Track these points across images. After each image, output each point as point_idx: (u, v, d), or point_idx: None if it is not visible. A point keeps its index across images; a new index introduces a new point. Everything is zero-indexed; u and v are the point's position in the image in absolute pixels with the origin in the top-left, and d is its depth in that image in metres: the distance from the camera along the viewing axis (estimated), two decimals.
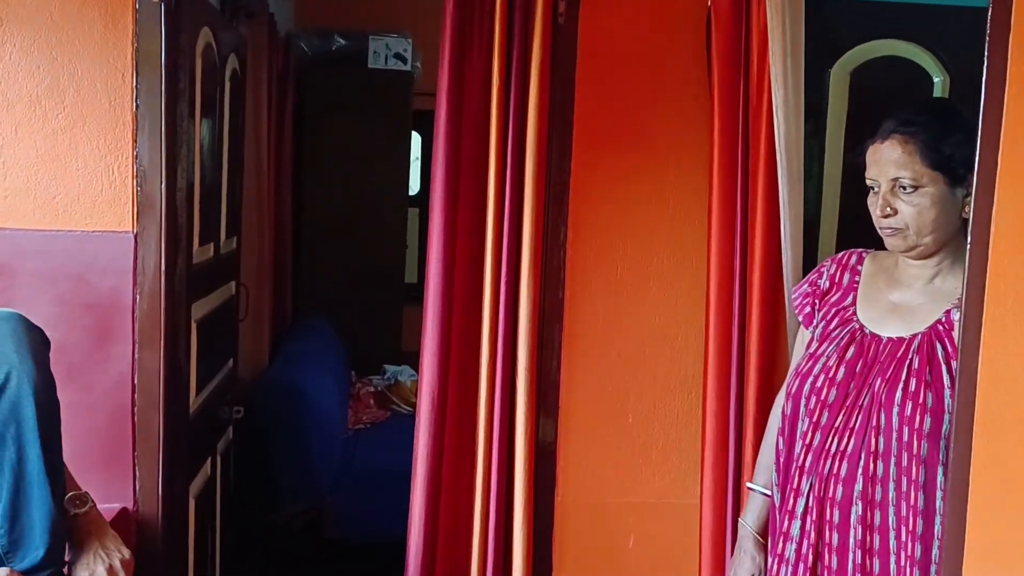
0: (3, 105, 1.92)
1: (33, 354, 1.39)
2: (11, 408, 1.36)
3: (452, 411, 2.12)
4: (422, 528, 2.09)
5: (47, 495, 1.40)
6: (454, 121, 2.04)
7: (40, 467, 1.39)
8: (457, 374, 2.12)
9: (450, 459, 2.13)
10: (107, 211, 1.97)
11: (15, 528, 1.40)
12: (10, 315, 1.42)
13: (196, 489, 2.28)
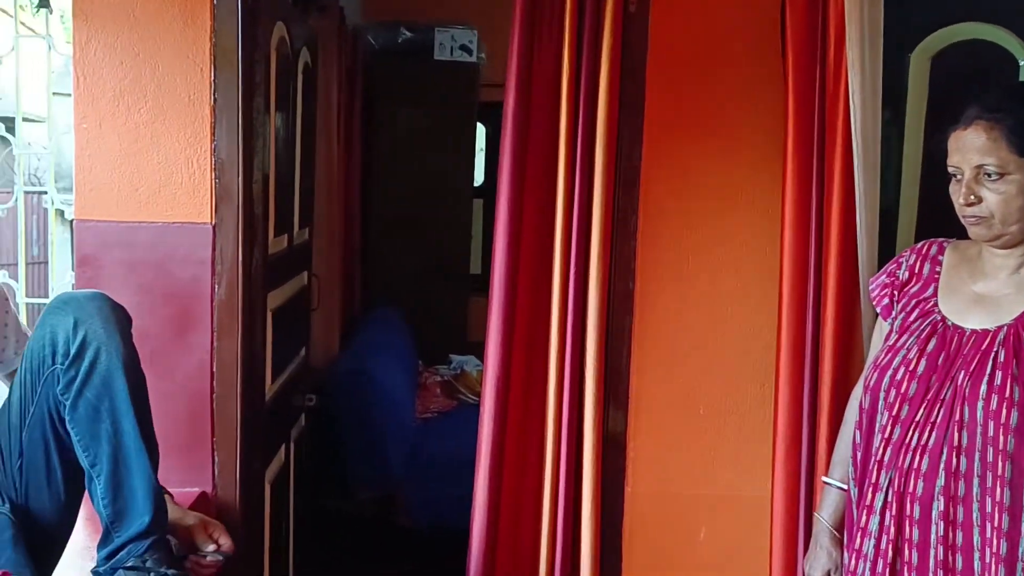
0: (88, 100, 1.98)
1: (119, 330, 1.43)
2: (103, 382, 1.40)
3: (516, 400, 2.13)
4: (485, 516, 2.11)
5: (145, 463, 1.43)
6: (522, 111, 2.04)
7: (136, 438, 1.42)
8: (521, 364, 2.13)
9: (513, 448, 2.14)
10: (187, 203, 2.02)
11: (118, 498, 1.43)
12: (95, 294, 1.47)
13: (271, 475, 2.33)
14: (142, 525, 1.43)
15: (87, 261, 2.01)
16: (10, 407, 1.46)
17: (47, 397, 1.42)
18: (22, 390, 1.44)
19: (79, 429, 1.41)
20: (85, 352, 1.39)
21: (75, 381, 1.39)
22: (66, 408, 1.41)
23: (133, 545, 1.41)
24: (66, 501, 1.47)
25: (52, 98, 2.49)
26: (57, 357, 1.39)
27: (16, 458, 1.45)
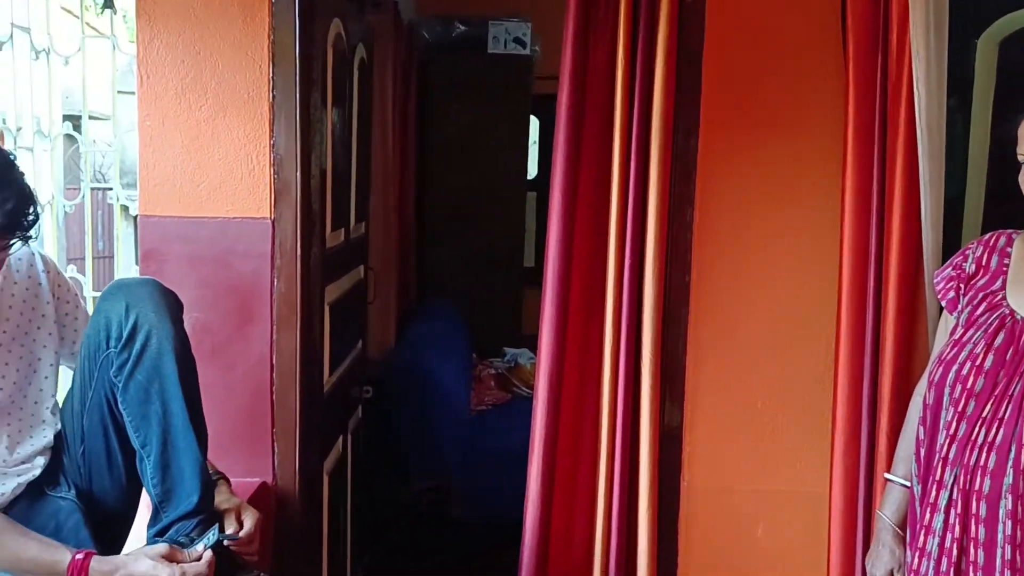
0: (152, 98, 2.03)
1: (170, 315, 1.46)
2: (153, 365, 1.43)
3: (569, 393, 2.13)
4: (538, 508, 2.12)
5: (193, 445, 1.46)
6: (576, 103, 2.03)
7: (184, 419, 1.45)
8: (575, 357, 2.13)
9: (566, 441, 2.14)
10: (246, 198, 2.05)
11: (167, 478, 1.46)
12: (146, 280, 1.51)
13: (330, 466, 2.36)
14: (190, 504, 1.46)
15: (151, 256, 2.05)
16: (72, 394, 1.51)
17: (103, 381, 1.46)
18: (82, 376, 1.48)
19: (130, 410, 1.45)
20: (136, 335, 1.43)
21: (127, 364, 1.43)
22: (119, 390, 1.44)
23: (181, 524, 1.45)
24: (127, 484, 1.50)
25: (116, 96, 2.54)
26: (111, 341, 1.43)
27: (79, 444, 1.50)
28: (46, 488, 1.48)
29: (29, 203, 1.34)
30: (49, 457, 1.51)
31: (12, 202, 1.30)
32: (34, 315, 1.55)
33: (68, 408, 1.51)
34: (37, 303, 1.55)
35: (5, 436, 1.46)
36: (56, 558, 1.31)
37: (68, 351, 1.61)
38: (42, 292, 1.56)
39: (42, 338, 1.55)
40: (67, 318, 1.60)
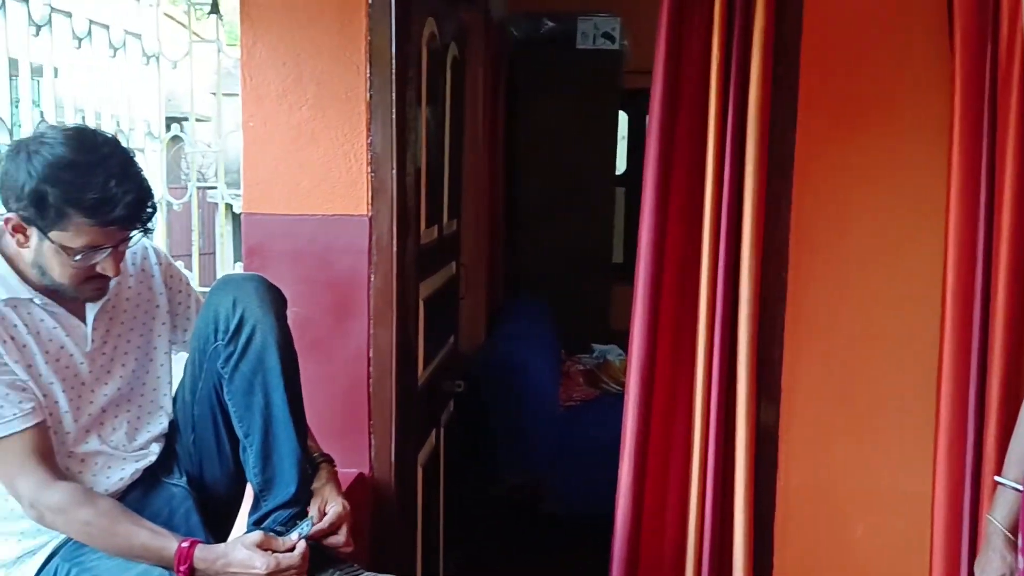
0: (255, 100, 2.10)
1: (274, 310, 1.51)
2: (257, 358, 1.48)
3: (661, 390, 2.12)
4: (629, 505, 2.11)
5: (293, 437, 1.50)
6: (669, 96, 2.02)
7: (285, 411, 1.49)
8: (667, 353, 2.12)
9: (658, 438, 2.13)
10: (344, 196, 2.10)
11: (267, 468, 1.51)
12: (253, 276, 1.56)
13: (423, 459, 2.40)
14: (287, 495, 1.51)
15: (254, 252, 2.12)
16: (184, 384, 1.58)
17: (212, 373, 1.51)
18: (193, 367, 1.55)
19: (235, 401, 1.50)
20: (242, 329, 1.48)
21: (233, 356, 1.48)
22: (225, 381, 1.50)
23: (278, 513, 1.50)
24: (235, 471, 1.56)
25: (221, 98, 2.63)
26: (218, 334, 1.49)
27: (190, 432, 1.56)
28: (160, 475, 1.55)
29: (148, 197, 1.40)
30: (163, 444, 1.58)
31: (132, 195, 1.36)
32: (148, 306, 1.62)
33: (180, 398, 1.58)
34: (151, 295, 1.62)
35: (125, 423, 1.54)
36: (164, 545, 1.37)
37: (181, 339, 1.67)
38: (155, 284, 1.63)
39: (157, 328, 1.62)
40: (180, 307, 1.67)
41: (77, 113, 1.96)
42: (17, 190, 1.33)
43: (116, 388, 1.53)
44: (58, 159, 1.32)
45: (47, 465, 1.36)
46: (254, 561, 1.37)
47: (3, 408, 1.33)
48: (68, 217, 1.33)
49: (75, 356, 1.46)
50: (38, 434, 1.37)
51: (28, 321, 1.41)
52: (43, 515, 1.36)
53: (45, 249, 1.37)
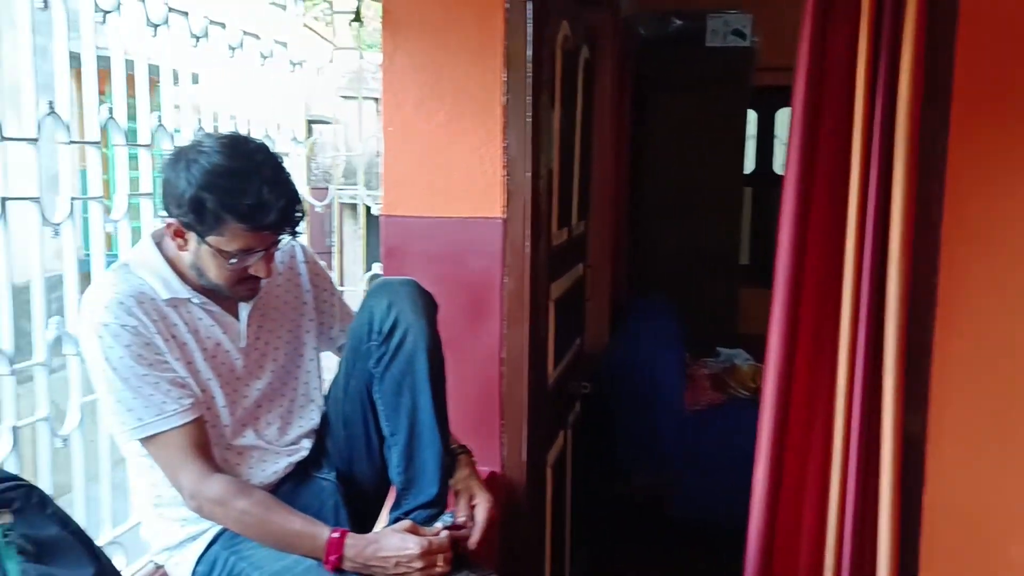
0: (395, 106, 2.15)
1: (426, 315, 1.55)
2: (407, 360, 1.52)
3: (798, 396, 2.06)
4: (763, 513, 2.06)
5: (437, 440, 1.54)
6: (813, 95, 1.95)
7: (431, 414, 1.53)
8: (805, 360, 2.05)
9: (794, 446, 2.07)
10: (480, 199, 2.13)
11: (410, 468, 1.55)
12: (408, 281, 1.59)
13: (552, 459, 2.42)
14: (429, 496, 1.54)
15: (392, 253, 2.18)
16: (337, 381, 1.63)
17: (364, 372, 1.56)
18: (346, 366, 1.59)
19: (384, 400, 1.55)
20: (395, 332, 1.52)
21: (384, 357, 1.52)
22: (376, 381, 1.54)
23: (418, 512, 1.53)
24: (382, 469, 1.60)
25: (361, 103, 2.70)
26: (372, 335, 1.53)
27: (341, 429, 1.61)
28: (311, 470, 1.61)
29: (297, 202, 1.46)
30: (314, 440, 1.64)
31: (284, 200, 1.41)
32: (296, 303, 1.68)
33: (333, 394, 1.64)
34: (299, 292, 1.68)
35: (278, 418, 1.60)
36: (316, 534, 1.42)
37: (326, 336, 1.73)
38: (302, 281, 1.69)
39: (304, 323, 1.68)
40: (325, 305, 1.73)
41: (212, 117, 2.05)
42: (177, 197, 1.40)
43: (268, 382, 1.59)
44: (215, 167, 1.38)
45: (206, 458, 1.44)
46: (407, 543, 1.42)
47: (165, 404, 1.41)
48: (224, 223, 1.40)
49: (231, 352, 1.53)
50: (197, 429, 1.44)
51: (187, 319, 1.49)
52: (202, 506, 1.43)
53: (203, 252, 1.44)
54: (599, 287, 3.54)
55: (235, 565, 1.44)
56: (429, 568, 1.43)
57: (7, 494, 1.10)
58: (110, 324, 1.38)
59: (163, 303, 1.46)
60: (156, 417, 1.40)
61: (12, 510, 1.10)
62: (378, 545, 1.42)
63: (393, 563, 1.41)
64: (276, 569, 1.41)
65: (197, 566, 1.48)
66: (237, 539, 1.46)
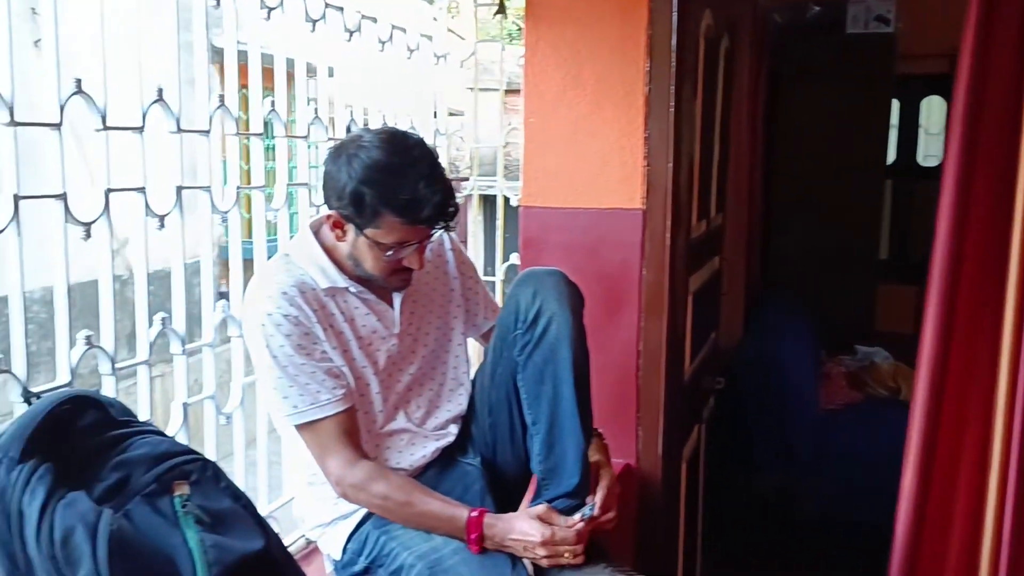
0: (536, 96, 2.16)
1: (571, 305, 1.55)
2: (550, 349, 1.52)
3: (951, 398, 1.96)
4: (909, 520, 1.98)
5: (578, 431, 1.53)
6: (977, 83, 1.86)
7: (572, 404, 1.53)
8: (961, 360, 1.95)
9: (946, 451, 1.98)
10: (619, 190, 2.12)
11: (551, 457, 1.55)
12: (554, 271, 1.60)
13: (687, 454, 2.39)
14: (569, 486, 1.54)
15: (530, 244, 2.19)
16: (483, 368, 1.66)
17: (509, 360, 1.58)
18: (493, 353, 1.62)
19: (526, 389, 1.56)
20: (539, 320, 1.53)
21: (528, 345, 1.54)
22: (519, 368, 1.56)
23: (559, 502, 1.53)
24: (525, 457, 1.61)
25: (502, 96, 2.72)
26: (517, 323, 1.55)
27: (487, 415, 1.64)
28: (456, 454, 1.65)
29: (452, 196, 1.48)
30: (460, 426, 1.67)
31: (440, 195, 1.44)
32: (444, 289, 1.71)
33: (480, 381, 1.67)
34: (446, 279, 1.71)
35: (427, 402, 1.64)
36: (455, 514, 1.46)
37: (472, 323, 1.76)
38: (449, 268, 1.72)
39: (452, 310, 1.71)
40: (470, 292, 1.75)
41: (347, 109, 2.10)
42: (338, 190, 1.45)
43: (418, 367, 1.63)
44: (375, 162, 1.42)
45: (353, 446, 1.49)
46: (532, 530, 1.44)
47: (320, 393, 1.46)
48: (382, 216, 1.44)
49: (386, 339, 1.58)
50: (347, 418, 1.49)
51: (344, 308, 1.54)
52: (346, 492, 1.49)
53: (360, 244, 1.48)
54: (733, 281, 3.47)
55: (385, 544, 1.49)
56: (555, 557, 1.45)
57: (185, 467, 1.17)
58: (273, 314, 1.44)
59: (322, 292, 1.51)
60: (310, 406, 1.46)
61: (190, 482, 1.16)
62: (509, 526, 1.46)
63: (521, 547, 1.45)
64: (424, 550, 1.44)
65: (348, 543, 1.54)
66: (388, 520, 1.51)
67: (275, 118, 1.75)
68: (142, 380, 1.47)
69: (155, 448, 1.17)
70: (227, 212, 1.61)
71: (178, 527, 1.10)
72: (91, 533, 1.03)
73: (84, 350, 1.32)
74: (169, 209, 1.47)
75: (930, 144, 5.51)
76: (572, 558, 1.46)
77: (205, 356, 1.63)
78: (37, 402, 1.14)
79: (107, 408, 1.18)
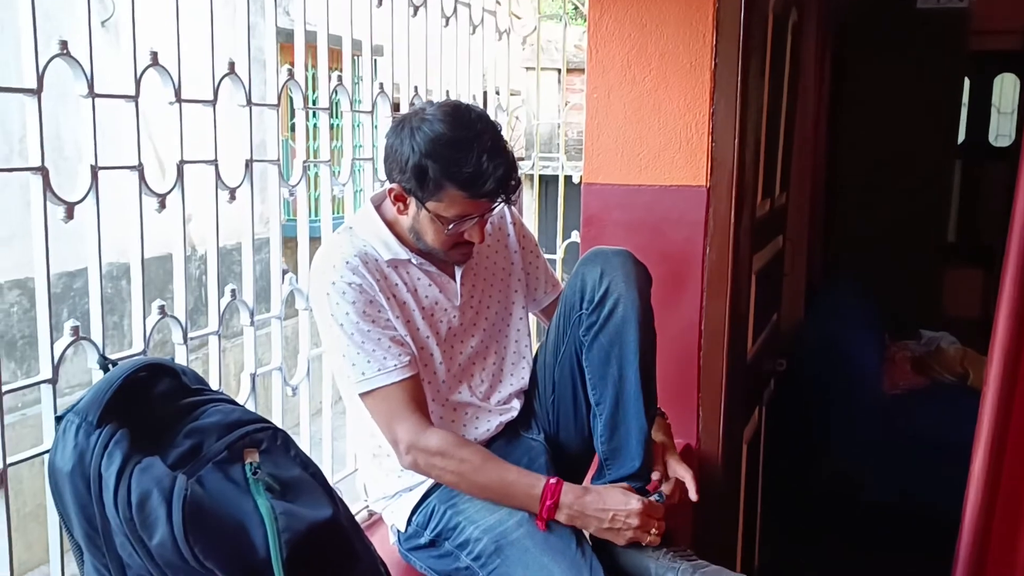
0: (599, 72, 2.14)
1: (638, 287, 1.53)
2: (616, 331, 1.51)
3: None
4: (978, 507, 1.93)
5: (641, 413, 1.52)
6: None
7: (637, 386, 1.52)
8: None
9: (1017, 438, 1.92)
10: (683, 167, 2.09)
11: (614, 438, 1.55)
12: (622, 251, 1.58)
13: (748, 436, 2.36)
14: (632, 468, 1.54)
15: (592, 221, 2.18)
16: (547, 346, 1.65)
17: (574, 338, 1.57)
18: (557, 331, 1.61)
19: (591, 369, 1.55)
20: (606, 301, 1.51)
21: (594, 326, 1.52)
22: (584, 348, 1.55)
23: (620, 484, 1.52)
24: (588, 437, 1.61)
25: (564, 75, 2.70)
26: (583, 303, 1.53)
27: (550, 393, 1.63)
28: (520, 429, 1.65)
29: (514, 170, 1.47)
30: (523, 401, 1.67)
31: (502, 169, 1.43)
32: (505, 263, 1.70)
33: (542, 358, 1.66)
34: (507, 252, 1.71)
35: (490, 375, 1.64)
36: (532, 481, 1.44)
37: (532, 297, 1.75)
38: (510, 242, 1.71)
39: (513, 283, 1.71)
40: (531, 267, 1.75)
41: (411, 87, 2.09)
42: (401, 163, 1.45)
43: (480, 340, 1.63)
44: (438, 135, 1.42)
45: (422, 413, 1.48)
46: (631, 499, 1.44)
47: (386, 360, 1.46)
48: (444, 189, 1.43)
49: (448, 311, 1.58)
50: (414, 385, 1.49)
51: (407, 280, 1.54)
52: (417, 459, 1.47)
53: (422, 217, 1.48)
54: (796, 261, 3.41)
55: (451, 518, 1.49)
56: (644, 528, 1.44)
57: (256, 435, 1.18)
58: (337, 283, 1.46)
59: (384, 264, 1.52)
60: (377, 372, 1.46)
61: (260, 450, 1.18)
62: (600, 496, 1.44)
63: (610, 516, 1.43)
64: (490, 523, 1.45)
65: (413, 515, 1.55)
66: (453, 494, 1.52)
67: (342, 93, 1.76)
68: (213, 350, 1.50)
69: (227, 416, 1.18)
70: (295, 186, 1.62)
71: (249, 494, 1.11)
72: (166, 498, 1.05)
73: (158, 319, 1.34)
74: (239, 182, 1.49)
75: (1002, 123, 5.33)
76: (658, 534, 1.45)
77: (273, 329, 1.65)
78: (114, 369, 1.16)
79: (181, 376, 1.20)
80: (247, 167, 1.50)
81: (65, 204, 1.18)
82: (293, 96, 1.62)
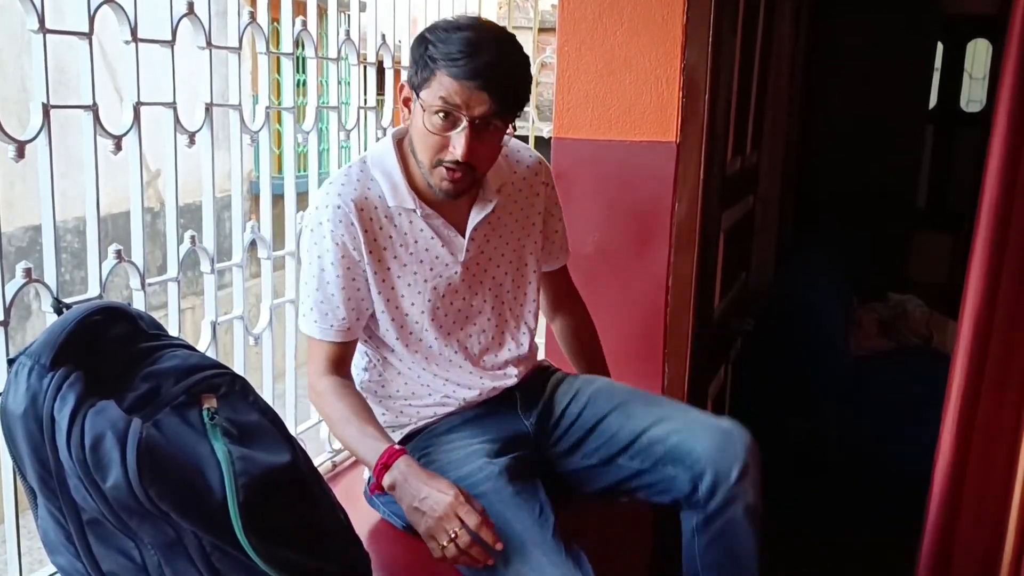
0: (571, 24, 2.11)
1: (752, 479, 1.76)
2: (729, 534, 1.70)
3: (996, 350, 1.93)
4: (948, 468, 1.96)
5: None
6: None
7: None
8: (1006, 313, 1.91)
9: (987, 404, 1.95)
10: (654, 122, 2.08)
11: None
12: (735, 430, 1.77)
13: (713, 392, 2.38)
14: None
15: (562, 176, 2.15)
16: (622, 408, 1.64)
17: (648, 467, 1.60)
18: (627, 432, 1.61)
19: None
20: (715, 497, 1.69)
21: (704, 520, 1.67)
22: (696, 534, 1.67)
23: None
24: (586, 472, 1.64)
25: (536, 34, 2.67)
26: (694, 495, 1.66)
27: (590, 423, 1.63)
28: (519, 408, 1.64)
29: (513, 75, 1.40)
30: (526, 374, 1.65)
31: (495, 59, 1.36)
32: (527, 223, 1.64)
33: (611, 409, 1.63)
34: (532, 213, 1.65)
35: (488, 338, 1.61)
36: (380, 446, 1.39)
37: (544, 265, 1.72)
38: (537, 203, 1.66)
39: (529, 245, 1.65)
40: (554, 233, 1.72)
41: (378, 35, 2.07)
42: (413, 58, 1.42)
43: (481, 298, 1.59)
44: (448, 23, 1.40)
45: (334, 367, 1.51)
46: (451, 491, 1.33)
47: (327, 315, 1.48)
48: (433, 70, 1.37)
49: (449, 265, 1.53)
50: (339, 350, 1.51)
51: (409, 229, 1.50)
52: (311, 397, 1.52)
53: (416, 120, 1.42)
54: (766, 220, 3.42)
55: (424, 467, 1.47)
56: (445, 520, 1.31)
57: (214, 380, 1.17)
58: (323, 225, 1.46)
59: (385, 209, 1.49)
60: (315, 322, 1.49)
61: (218, 395, 1.17)
62: (429, 477, 1.35)
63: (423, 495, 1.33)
64: (460, 475, 1.42)
65: None
66: (427, 444, 1.53)
67: (306, 37, 1.72)
68: (172, 297, 1.48)
69: (185, 361, 1.17)
70: (257, 131, 1.59)
71: (206, 438, 1.10)
72: (120, 440, 1.04)
73: (114, 263, 1.32)
74: (199, 126, 1.46)
75: (974, 89, 5.35)
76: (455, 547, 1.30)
77: (235, 276, 1.63)
78: (68, 312, 1.14)
79: (137, 320, 1.18)
80: (207, 111, 1.47)
81: (16, 143, 1.15)
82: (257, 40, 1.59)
